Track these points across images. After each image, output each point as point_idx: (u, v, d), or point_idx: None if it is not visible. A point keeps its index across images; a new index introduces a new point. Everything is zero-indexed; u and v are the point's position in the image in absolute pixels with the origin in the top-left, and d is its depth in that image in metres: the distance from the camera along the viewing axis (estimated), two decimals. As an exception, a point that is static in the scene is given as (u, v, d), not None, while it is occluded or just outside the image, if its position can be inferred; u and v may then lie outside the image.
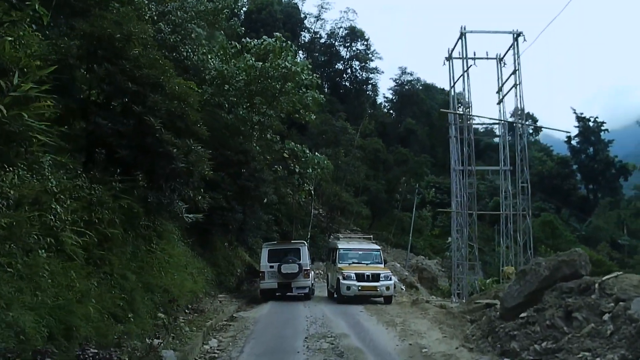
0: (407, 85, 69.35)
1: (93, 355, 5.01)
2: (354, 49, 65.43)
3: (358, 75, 66.76)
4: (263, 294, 17.32)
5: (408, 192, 45.89)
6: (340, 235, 22.24)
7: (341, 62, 66.53)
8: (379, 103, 72.28)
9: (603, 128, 66.38)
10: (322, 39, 65.85)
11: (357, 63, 66.00)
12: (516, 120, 16.21)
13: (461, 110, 17.29)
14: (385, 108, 73.11)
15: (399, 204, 46.82)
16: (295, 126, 36.11)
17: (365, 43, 64.91)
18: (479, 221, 16.93)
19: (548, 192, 54.66)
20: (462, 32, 16.54)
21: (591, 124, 66.35)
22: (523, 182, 15.60)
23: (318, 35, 65.73)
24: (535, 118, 68.45)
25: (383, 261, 17.80)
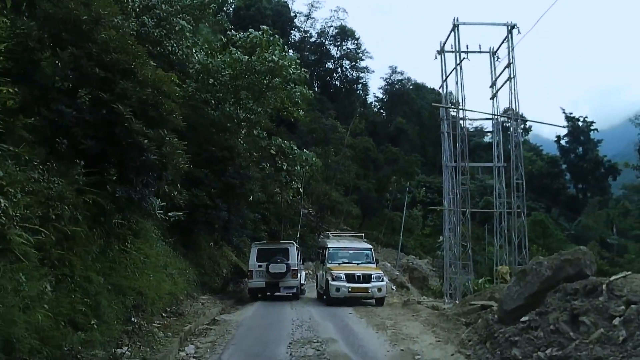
0: (398, 85, 69.29)
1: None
2: (344, 48, 65.12)
3: (348, 74, 66.50)
4: (251, 292, 17.63)
5: (398, 192, 45.55)
6: (330, 234, 21.50)
7: (331, 61, 66.20)
8: (370, 102, 72.14)
9: (592, 128, 66.69)
10: (313, 38, 65.46)
11: (348, 62, 65.74)
12: (511, 114, 15.67)
13: (454, 104, 16.74)
14: (375, 107, 72.93)
15: (389, 203, 46.45)
16: (285, 124, 35.52)
17: (356, 42, 64.72)
18: (467, 221, 16.40)
19: (538, 192, 54.70)
20: (455, 24, 15.97)
21: (580, 123, 66.61)
22: (518, 179, 15.08)
23: (308, 34, 65.31)
24: (525, 118, 68.59)
25: (375, 261, 17.14)
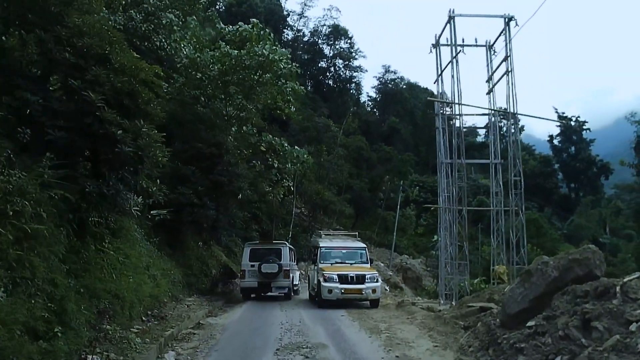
0: (391, 84, 68.99)
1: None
2: (337, 47, 64.74)
3: (341, 73, 66.13)
4: (243, 292, 17.87)
5: (392, 191, 45.09)
6: (323, 233, 20.89)
7: (324, 60, 65.78)
8: (363, 101, 71.80)
9: (584, 127, 66.80)
10: (306, 37, 64.95)
11: (341, 61, 65.38)
12: (507, 108, 15.17)
13: (449, 100, 16.24)
14: (368, 106, 72.57)
15: (382, 203, 45.96)
16: (276, 122, 34.95)
17: (349, 41, 64.37)
18: (463, 219, 15.92)
19: (530, 191, 54.40)
20: (451, 16, 15.43)
21: (573, 123, 66.64)
22: (515, 176, 14.59)
23: (301, 33, 64.81)
24: (521, 114, 68.61)
25: (369, 260, 16.57)
